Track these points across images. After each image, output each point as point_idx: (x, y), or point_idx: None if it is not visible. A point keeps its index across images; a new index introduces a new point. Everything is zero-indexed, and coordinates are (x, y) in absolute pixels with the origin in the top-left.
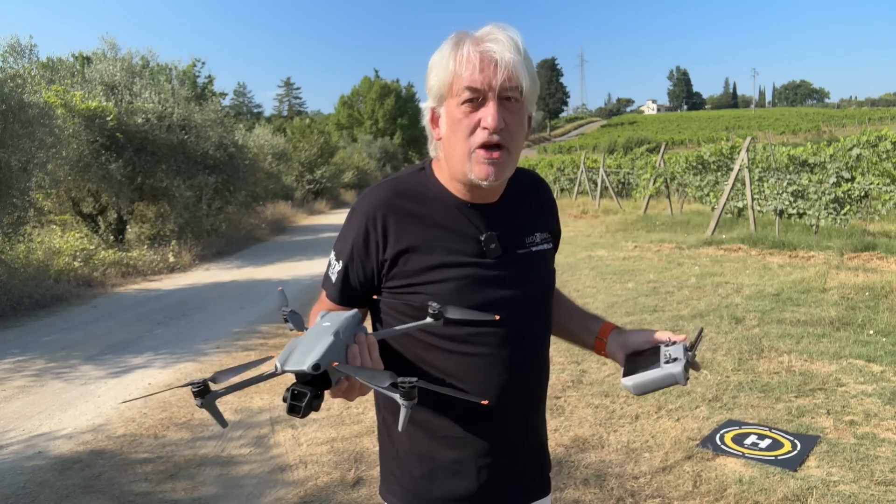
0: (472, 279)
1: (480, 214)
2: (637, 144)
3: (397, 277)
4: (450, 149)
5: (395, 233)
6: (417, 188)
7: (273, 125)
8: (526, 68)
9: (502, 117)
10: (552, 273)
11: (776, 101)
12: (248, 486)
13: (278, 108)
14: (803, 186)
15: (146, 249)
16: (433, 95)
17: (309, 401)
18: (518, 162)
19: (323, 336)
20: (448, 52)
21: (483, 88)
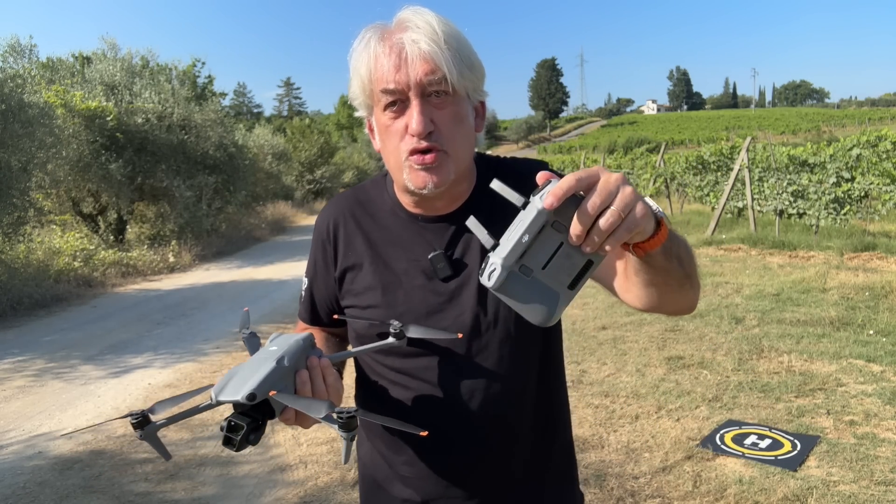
0: (414, 304)
1: (435, 228)
2: (637, 144)
3: (345, 297)
4: (386, 159)
5: (344, 247)
6: (374, 199)
7: (273, 125)
8: (451, 55)
9: (429, 118)
10: None
11: (776, 101)
12: (248, 486)
13: (278, 108)
14: (803, 186)
15: (146, 249)
16: (359, 104)
17: (245, 434)
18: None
19: (265, 362)
20: (360, 52)
21: (401, 88)
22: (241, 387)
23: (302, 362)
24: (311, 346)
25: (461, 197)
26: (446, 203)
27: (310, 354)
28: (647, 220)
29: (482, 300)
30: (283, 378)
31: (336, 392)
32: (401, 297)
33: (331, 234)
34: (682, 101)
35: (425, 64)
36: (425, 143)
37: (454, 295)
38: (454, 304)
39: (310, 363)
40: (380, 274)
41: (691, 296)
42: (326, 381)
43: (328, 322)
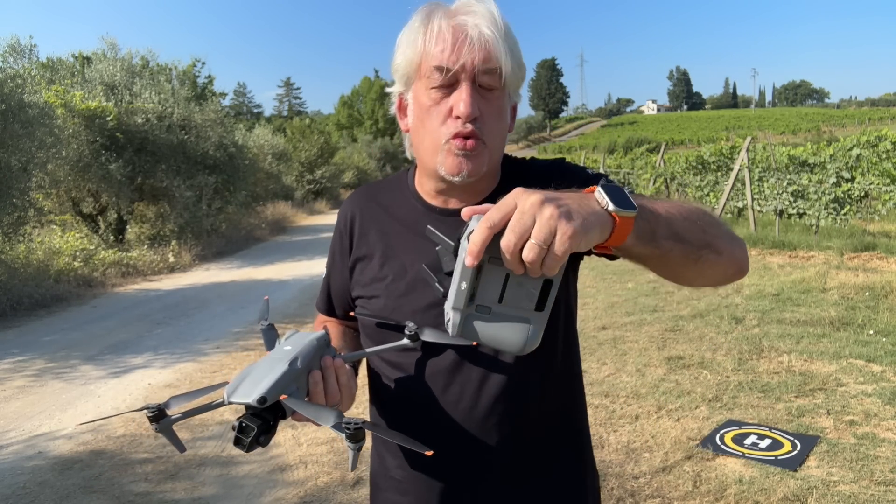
0: (416, 296)
1: (452, 221)
2: (637, 144)
3: (355, 287)
4: (418, 141)
5: (358, 238)
6: (393, 191)
7: (273, 125)
8: (507, 47)
9: (477, 105)
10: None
11: (776, 101)
12: (248, 486)
13: (278, 108)
14: (803, 186)
15: (146, 249)
16: (399, 77)
17: (255, 436)
18: (498, 155)
19: (277, 364)
20: (417, 26)
21: (455, 69)
22: (253, 389)
23: (316, 362)
24: (326, 345)
25: (482, 194)
26: (466, 198)
27: (324, 354)
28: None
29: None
30: (295, 380)
31: (349, 392)
32: (403, 288)
33: (347, 226)
34: (682, 101)
35: (485, 52)
36: (470, 128)
37: None
38: None
39: (323, 363)
40: (388, 265)
41: (722, 262)
42: (340, 381)
43: (342, 314)
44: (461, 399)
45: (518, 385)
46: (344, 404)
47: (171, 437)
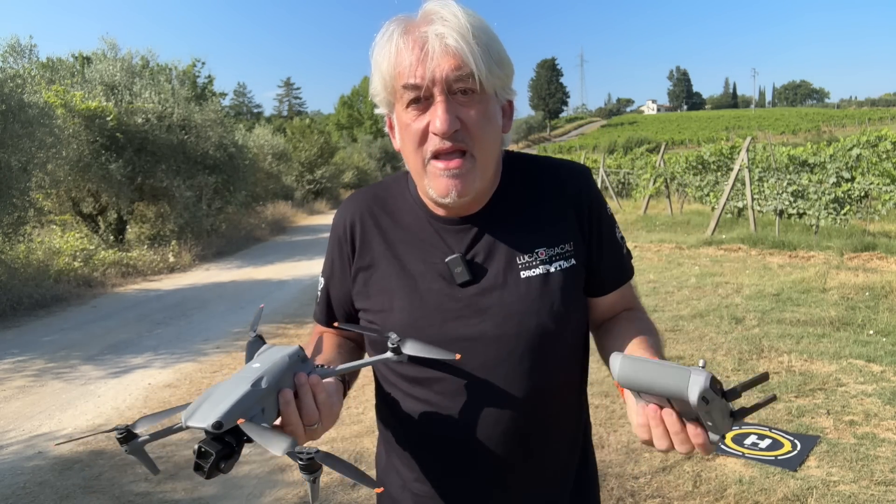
0: (429, 310)
1: (457, 230)
2: (637, 144)
3: (358, 298)
4: (406, 161)
5: (360, 246)
6: (395, 197)
7: (273, 125)
8: (480, 49)
9: (455, 116)
10: (565, 299)
11: (776, 101)
12: (248, 486)
13: (278, 108)
14: (803, 186)
15: (146, 249)
16: (380, 101)
17: (215, 461)
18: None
19: (240, 384)
20: (381, 47)
21: (425, 84)
22: (210, 413)
23: (287, 380)
24: (301, 360)
25: (484, 197)
26: (469, 204)
27: (298, 371)
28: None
29: (506, 309)
30: (260, 401)
31: (328, 410)
32: (416, 301)
33: (347, 232)
34: (682, 101)
35: (451, 59)
36: (449, 143)
37: (474, 302)
38: (474, 311)
39: (297, 381)
40: (395, 276)
41: None
42: (317, 398)
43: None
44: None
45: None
46: (323, 423)
47: (143, 459)
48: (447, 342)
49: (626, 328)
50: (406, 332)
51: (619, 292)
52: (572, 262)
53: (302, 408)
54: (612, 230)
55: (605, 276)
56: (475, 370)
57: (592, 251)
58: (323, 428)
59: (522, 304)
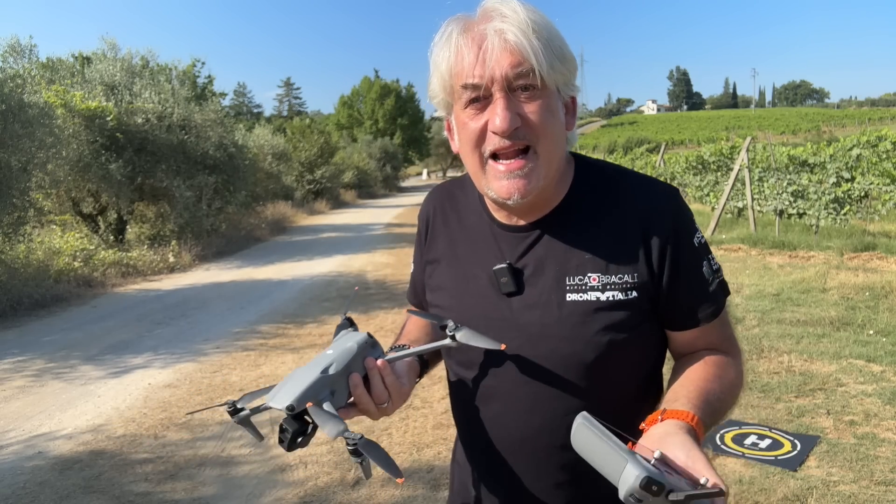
0: (473, 315)
1: (514, 237)
2: (637, 144)
3: (427, 289)
4: (465, 163)
5: (430, 240)
6: (467, 195)
7: (273, 125)
8: (541, 45)
9: (516, 113)
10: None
11: (776, 101)
12: (248, 486)
13: (278, 108)
14: (803, 186)
15: (146, 249)
16: (438, 103)
17: (292, 437)
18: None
19: (313, 371)
20: (440, 47)
21: (484, 83)
22: (286, 396)
23: (358, 365)
24: (371, 346)
25: (548, 205)
26: (529, 210)
27: (368, 356)
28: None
29: (542, 330)
30: (330, 385)
31: (396, 390)
32: (467, 303)
33: (425, 225)
34: (682, 101)
35: (511, 56)
36: (509, 143)
37: (514, 315)
38: (512, 324)
39: (367, 364)
40: (452, 275)
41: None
42: (385, 380)
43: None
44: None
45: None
46: (393, 402)
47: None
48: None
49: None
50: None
51: (699, 331)
52: (632, 294)
53: (371, 389)
54: (696, 262)
55: (680, 314)
56: (505, 383)
57: (663, 285)
58: (393, 406)
59: (559, 328)
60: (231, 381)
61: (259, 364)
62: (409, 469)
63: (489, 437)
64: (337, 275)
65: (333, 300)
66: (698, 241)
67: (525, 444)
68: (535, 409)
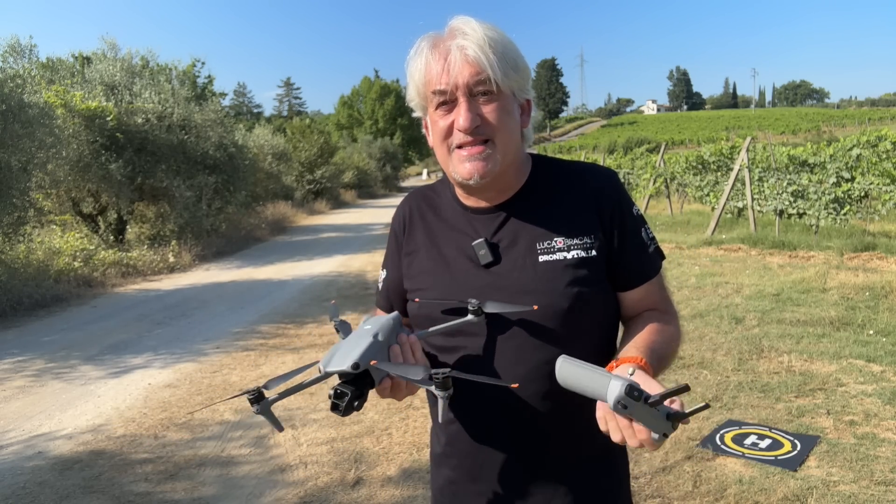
0: (456, 287)
1: (486, 218)
2: (637, 144)
3: (406, 280)
4: (437, 154)
5: (408, 235)
6: (440, 195)
7: (273, 125)
8: (496, 58)
9: (476, 114)
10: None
11: (776, 101)
12: (248, 487)
13: (278, 108)
14: (803, 186)
15: (146, 249)
16: (415, 106)
17: (350, 400)
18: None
19: (363, 338)
20: (414, 60)
21: (450, 89)
22: (345, 358)
23: (393, 338)
24: (400, 324)
25: (510, 189)
26: (495, 195)
27: (399, 332)
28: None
29: (522, 288)
30: (380, 351)
31: (424, 364)
32: (447, 280)
33: (400, 224)
34: (682, 101)
35: (471, 67)
36: (471, 138)
37: (494, 281)
38: (494, 289)
39: (400, 339)
40: (432, 259)
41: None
42: (415, 355)
43: (401, 309)
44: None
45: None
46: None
47: (270, 418)
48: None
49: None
50: (434, 310)
51: (643, 290)
52: (592, 252)
53: (406, 361)
54: (637, 228)
55: (627, 272)
56: (491, 341)
57: (614, 246)
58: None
59: (537, 284)
60: (231, 381)
61: (259, 364)
62: (409, 469)
63: (479, 395)
64: (337, 275)
65: (333, 300)
66: (636, 213)
67: (509, 396)
68: (519, 360)
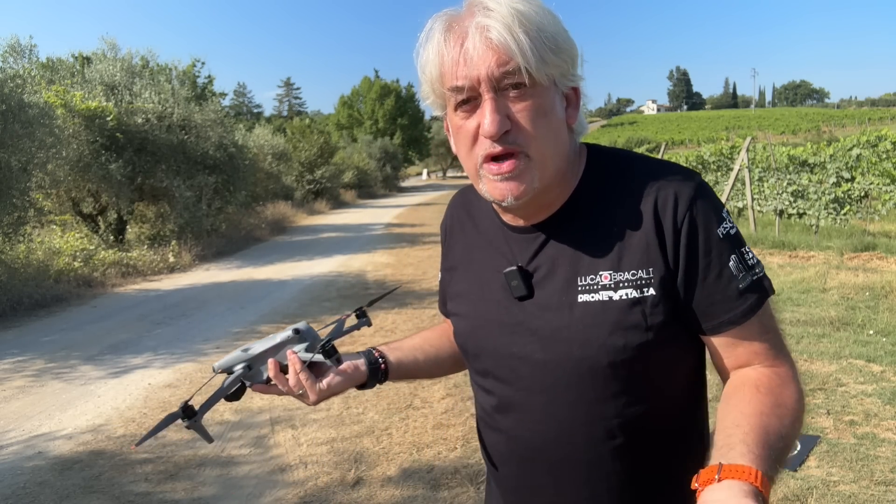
0: (485, 320)
1: (524, 239)
2: (637, 144)
3: (447, 297)
4: (464, 165)
5: (448, 248)
6: (480, 198)
7: (273, 125)
8: (528, 39)
9: (505, 115)
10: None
11: (776, 101)
12: (247, 487)
13: (278, 108)
14: (803, 186)
15: (146, 249)
16: (432, 105)
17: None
18: (552, 162)
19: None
20: (424, 48)
21: (469, 84)
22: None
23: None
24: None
25: (557, 201)
26: (535, 210)
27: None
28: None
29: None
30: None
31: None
32: (480, 310)
33: (444, 233)
34: (682, 101)
35: (495, 54)
36: (500, 147)
37: (526, 320)
38: (525, 329)
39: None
40: (468, 281)
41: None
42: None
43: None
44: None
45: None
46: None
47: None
48: (501, 357)
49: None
50: (469, 340)
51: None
52: (648, 291)
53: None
54: (722, 255)
55: (702, 314)
56: (520, 391)
57: (680, 281)
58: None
59: (571, 331)
60: None
61: None
62: (409, 469)
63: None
64: (337, 275)
65: (333, 300)
66: (724, 232)
67: (541, 455)
68: (549, 419)
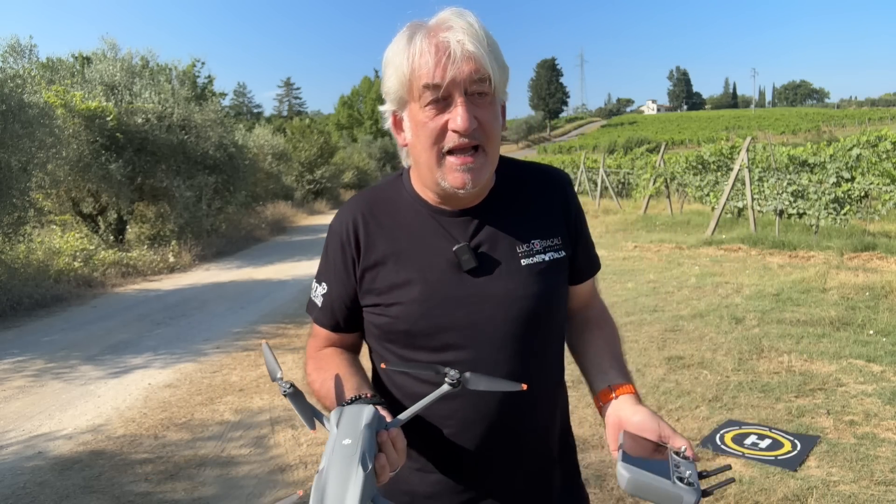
0: (440, 298)
1: (458, 222)
2: (637, 144)
3: (369, 295)
4: (417, 156)
5: (366, 246)
6: (392, 196)
7: (273, 125)
8: (492, 55)
9: (473, 115)
10: (558, 286)
11: (776, 101)
12: (247, 487)
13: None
14: (803, 186)
15: (146, 249)
16: (392, 99)
17: None
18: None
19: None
20: (402, 47)
21: (445, 84)
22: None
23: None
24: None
25: (482, 192)
26: (469, 198)
27: (379, 430)
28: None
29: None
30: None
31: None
32: (427, 291)
33: (350, 236)
34: (682, 101)
35: (472, 64)
36: (467, 140)
37: (480, 288)
38: (480, 297)
39: (380, 438)
40: (404, 271)
41: None
42: (397, 447)
43: (346, 327)
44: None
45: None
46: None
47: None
48: (462, 328)
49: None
50: (420, 321)
51: (590, 282)
52: (562, 253)
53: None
54: (586, 226)
55: (582, 267)
56: (484, 353)
57: (575, 244)
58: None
59: (524, 289)
60: (231, 381)
61: (259, 364)
62: None
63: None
64: None
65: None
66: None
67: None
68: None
